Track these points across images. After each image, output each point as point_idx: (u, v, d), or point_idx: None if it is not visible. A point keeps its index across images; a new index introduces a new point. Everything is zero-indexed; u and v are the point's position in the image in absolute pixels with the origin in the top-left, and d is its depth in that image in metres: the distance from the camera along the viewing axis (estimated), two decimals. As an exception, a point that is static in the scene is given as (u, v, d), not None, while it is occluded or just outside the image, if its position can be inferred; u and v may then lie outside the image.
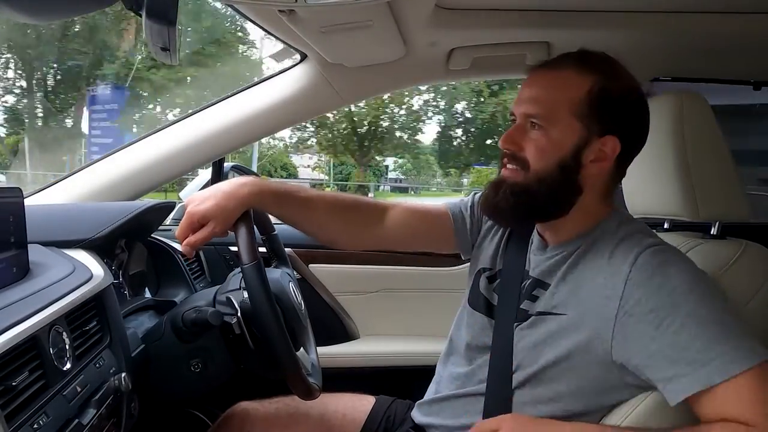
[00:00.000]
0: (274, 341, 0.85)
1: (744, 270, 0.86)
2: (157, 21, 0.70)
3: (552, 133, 0.83)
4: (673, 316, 0.73)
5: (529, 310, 0.88)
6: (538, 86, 0.86)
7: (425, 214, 1.07)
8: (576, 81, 0.84)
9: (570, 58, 0.87)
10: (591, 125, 0.83)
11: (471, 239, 1.06)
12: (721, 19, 1.15)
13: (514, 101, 0.89)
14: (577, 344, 0.80)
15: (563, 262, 0.86)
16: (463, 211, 1.06)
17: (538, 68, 0.89)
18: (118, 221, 1.01)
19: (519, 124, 0.86)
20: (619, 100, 0.84)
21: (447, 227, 1.05)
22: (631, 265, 0.78)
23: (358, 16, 1.01)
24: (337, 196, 1.06)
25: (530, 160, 0.84)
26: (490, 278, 0.99)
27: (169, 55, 0.77)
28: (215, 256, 1.61)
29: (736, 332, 0.72)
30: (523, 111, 0.86)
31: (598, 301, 0.79)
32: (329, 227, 1.02)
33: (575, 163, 0.83)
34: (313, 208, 1.00)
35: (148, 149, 1.41)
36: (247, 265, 0.85)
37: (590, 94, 0.82)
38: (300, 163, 18.91)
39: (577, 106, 0.82)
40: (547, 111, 0.83)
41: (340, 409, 1.09)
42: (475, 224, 1.05)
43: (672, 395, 0.73)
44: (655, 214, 1.04)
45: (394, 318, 1.72)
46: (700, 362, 0.71)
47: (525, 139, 0.85)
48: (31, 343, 0.65)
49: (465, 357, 0.97)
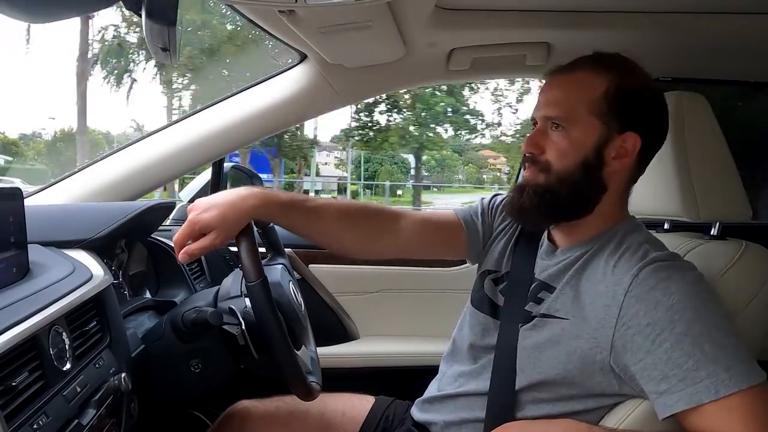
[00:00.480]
0: (278, 354, 0.86)
1: (744, 270, 0.86)
2: (157, 21, 0.71)
3: (573, 134, 0.84)
4: (668, 332, 0.73)
5: (532, 312, 0.88)
6: (556, 89, 0.89)
7: (438, 223, 1.07)
8: (592, 81, 0.85)
9: (584, 60, 0.89)
10: (610, 123, 0.84)
11: (483, 246, 1.06)
12: (721, 19, 1.14)
13: (535, 107, 0.91)
14: (577, 349, 0.81)
15: (570, 267, 0.87)
16: (474, 217, 1.06)
17: (554, 73, 0.91)
18: (118, 221, 1.01)
19: (540, 127, 0.88)
20: (635, 97, 0.85)
21: (460, 235, 1.05)
22: (633, 277, 0.78)
23: (357, 16, 1.01)
24: (345, 204, 1.06)
25: (552, 162, 0.86)
26: (496, 280, 0.99)
27: (169, 55, 0.77)
28: (215, 256, 1.61)
29: (731, 353, 0.71)
30: (544, 114, 0.88)
31: (599, 309, 0.80)
32: (340, 236, 1.01)
33: (598, 161, 0.85)
34: (322, 217, 0.99)
35: (148, 149, 1.41)
36: (253, 284, 0.85)
37: (607, 92, 0.84)
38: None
39: (595, 105, 0.84)
40: (567, 112, 0.85)
41: (340, 407, 1.10)
42: (486, 230, 1.06)
43: (661, 409, 0.73)
44: (655, 214, 1.03)
45: (394, 318, 1.72)
46: (691, 380, 0.71)
47: (546, 142, 0.87)
48: (31, 343, 0.65)
49: (468, 356, 0.98)
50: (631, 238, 0.85)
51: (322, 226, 0.99)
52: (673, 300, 0.74)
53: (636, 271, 0.78)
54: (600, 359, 0.79)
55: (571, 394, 0.84)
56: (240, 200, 0.90)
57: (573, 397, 0.84)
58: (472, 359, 0.97)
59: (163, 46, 0.75)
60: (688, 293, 0.75)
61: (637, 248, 0.82)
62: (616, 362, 0.78)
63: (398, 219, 1.05)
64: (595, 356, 0.80)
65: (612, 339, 0.78)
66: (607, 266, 0.82)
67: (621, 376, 0.79)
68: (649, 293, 0.76)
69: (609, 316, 0.78)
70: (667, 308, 0.74)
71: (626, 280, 0.78)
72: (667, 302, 0.74)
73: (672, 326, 0.73)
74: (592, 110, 0.84)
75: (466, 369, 0.97)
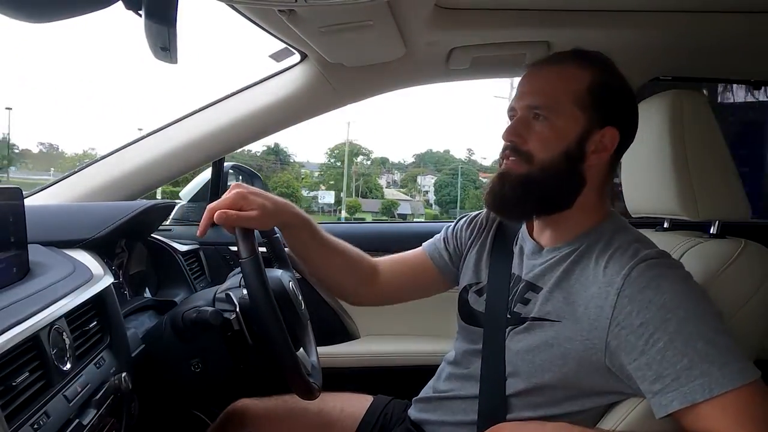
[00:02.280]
0: (273, 335, 0.85)
1: (743, 269, 0.86)
2: (157, 21, 0.71)
3: (557, 123, 0.84)
4: (661, 331, 0.73)
5: (522, 314, 0.88)
6: (540, 79, 0.88)
7: (408, 264, 1.12)
8: (577, 73, 0.86)
9: (566, 55, 0.90)
10: (593, 116, 0.85)
11: (454, 270, 1.08)
12: (721, 19, 1.15)
13: (514, 98, 0.90)
14: (571, 351, 0.81)
15: (558, 266, 0.86)
16: (438, 246, 1.10)
17: (536, 64, 0.91)
18: (118, 221, 1.01)
19: (522, 116, 0.87)
20: (617, 93, 0.87)
21: (430, 269, 1.10)
22: (625, 277, 0.77)
23: (358, 16, 1.01)
24: (346, 246, 1.09)
25: (534, 152, 0.85)
26: (479, 291, 1.00)
27: (169, 54, 0.77)
28: (215, 256, 1.61)
29: (725, 351, 0.71)
30: (527, 103, 0.87)
31: (592, 310, 0.79)
32: (339, 275, 1.08)
33: (580, 152, 0.85)
34: (331, 254, 1.05)
35: (148, 149, 1.41)
36: (245, 259, 0.85)
37: (591, 86, 0.85)
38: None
39: (579, 96, 0.85)
40: (551, 101, 0.85)
41: (338, 405, 1.11)
42: (452, 254, 1.08)
43: (657, 409, 0.73)
44: (654, 213, 1.03)
45: (394, 318, 1.72)
46: (685, 379, 0.70)
47: (528, 132, 0.86)
48: (32, 343, 0.65)
49: (461, 361, 0.99)
50: (621, 238, 0.85)
51: (329, 262, 1.05)
52: (665, 299, 0.74)
53: (628, 270, 0.78)
54: (595, 359, 0.79)
55: (567, 396, 0.84)
56: (282, 203, 0.95)
57: (570, 398, 0.84)
58: (464, 364, 0.98)
59: (163, 46, 0.75)
60: (680, 291, 0.75)
61: (627, 247, 0.82)
62: (611, 362, 0.78)
63: (377, 265, 1.11)
64: (590, 357, 0.79)
65: (606, 340, 0.77)
66: (597, 267, 0.82)
67: (618, 375, 0.79)
68: (641, 292, 0.76)
69: (602, 317, 0.78)
70: (659, 307, 0.74)
71: (618, 279, 0.78)
72: (659, 301, 0.74)
73: (665, 325, 0.73)
74: (576, 102, 0.84)
75: (459, 372, 0.98)
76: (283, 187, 30.47)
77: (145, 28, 0.72)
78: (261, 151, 37.10)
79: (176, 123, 1.44)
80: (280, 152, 37.74)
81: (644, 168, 1.00)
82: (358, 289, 1.11)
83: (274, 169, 35.16)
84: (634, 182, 1.04)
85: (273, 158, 36.71)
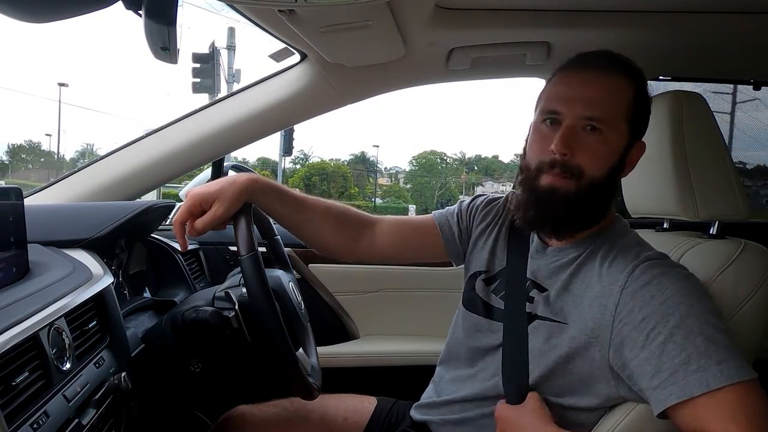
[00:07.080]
0: (271, 332, 0.84)
1: (743, 269, 0.86)
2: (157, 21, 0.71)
3: (609, 137, 0.81)
4: (662, 326, 0.73)
5: (531, 312, 0.88)
6: (595, 89, 0.82)
7: (413, 226, 1.09)
8: (625, 86, 0.83)
9: (611, 61, 0.84)
10: (633, 129, 0.84)
11: (461, 247, 1.06)
12: (721, 19, 1.15)
13: (560, 98, 0.83)
14: (577, 350, 0.81)
15: (564, 269, 0.87)
16: (450, 220, 1.07)
17: (587, 68, 0.84)
18: (118, 221, 1.01)
19: (572, 125, 0.81)
20: (648, 104, 0.86)
21: (435, 237, 1.07)
22: (628, 275, 0.78)
23: (357, 16, 1.01)
24: (330, 202, 1.07)
25: (585, 167, 0.81)
26: (487, 280, 0.99)
27: (169, 55, 0.77)
28: (215, 255, 1.61)
29: (723, 348, 0.71)
30: (581, 113, 0.81)
31: (597, 309, 0.80)
32: (324, 232, 1.03)
33: (621, 167, 0.85)
34: (310, 209, 1.01)
35: (147, 149, 1.41)
36: (244, 256, 0.84)
37: (635, 98, 0.83)
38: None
39: (627, 109, 0.83)
40: (608, 114, 0.81)
41: (341, 412, 1.08)
42: (463, 232, 1.06)
43: (655, 405, 0.73)
44: (654, 213, 1.04)
45: (394, 318, 1.72)
46: (683, 373, 0.70)
47: (578, 144, 0.81)
48: (32, 342, 0.65)
49: (466, 360, 0.98)
50: (623, 241, 0.86)
51: (308, 217, 1.01)
52: (666, 295, 0.75)
53: (631, 268, 0.79)
54: (599, 357, 0.79)
55: (571, 390, 0.84)
56: (234, 177, 0.93)
57: (572, 393, 0.84)
58: (469, 362, 0.97)
59: (163, 46, 0.75)
60: (682, 289, 0.76)
61: (629, 249, 0.83)
62: (615, 360, 0.78)
63: (376, 223, 1.07)
64: (595, 355, 0.80)
65: (610, 337, 0.78)
66: (601, 267, 0.83)
67: (620, 375, 0.79)
68: (644, 288, 0.76)
69: (606, 315, 0.79)
70: (661, 302, 0.75)
71: (622, 277, 0.79)
72: (661, 296, 0.75)
73: (666, 320, 0.73)
74: (626, 115, 0.82)
75: (463, 373, 0.97)
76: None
77: (144, 28, 0.72)
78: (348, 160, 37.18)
79: (176, 123, 1.44)
80: (366, 160, 37.64)
81: (644, 168, 1.00)
82: (347, 244, 1.06)
83: (361, 176, 35.01)
84: (634, 182, 1.04)
85: (361, 167, 36.53)
